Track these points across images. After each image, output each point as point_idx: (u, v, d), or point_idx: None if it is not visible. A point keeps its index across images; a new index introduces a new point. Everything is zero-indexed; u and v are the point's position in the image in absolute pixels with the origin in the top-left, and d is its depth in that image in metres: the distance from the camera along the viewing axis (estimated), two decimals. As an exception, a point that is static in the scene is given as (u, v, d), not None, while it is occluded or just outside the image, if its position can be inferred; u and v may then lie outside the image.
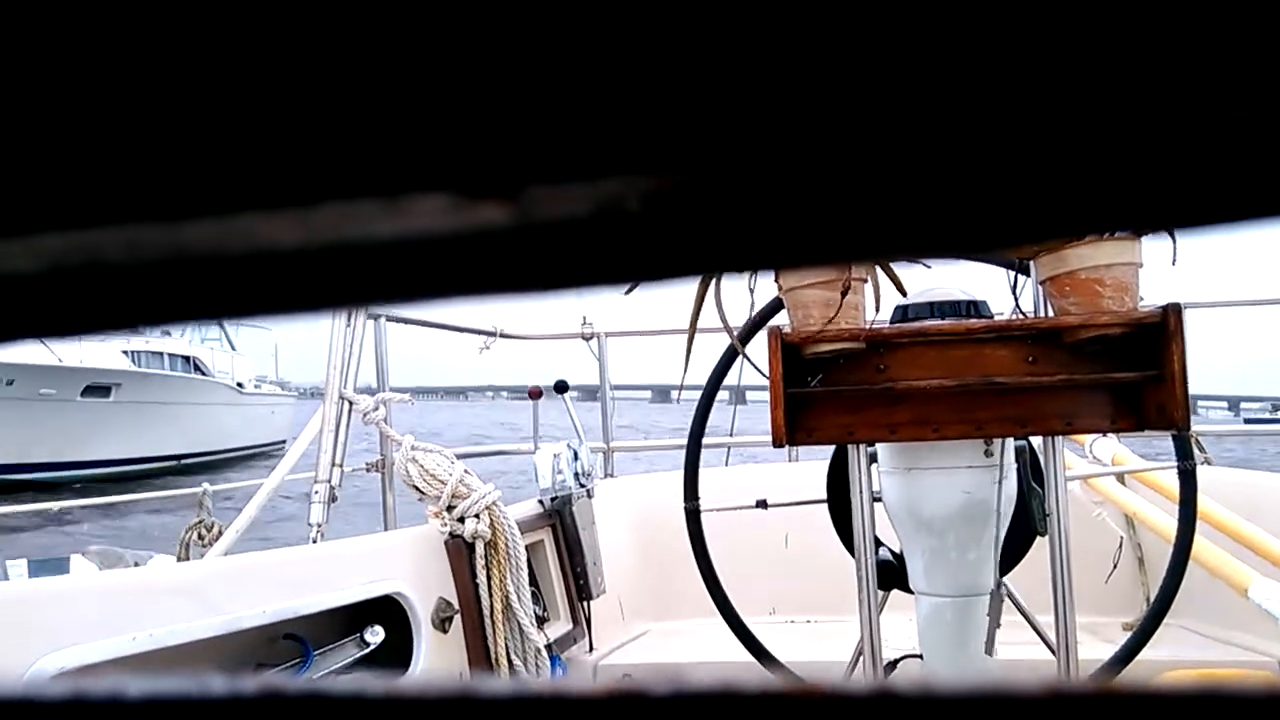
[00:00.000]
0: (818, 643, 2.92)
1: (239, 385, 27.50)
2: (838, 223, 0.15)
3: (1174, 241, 1.79)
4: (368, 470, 2.99)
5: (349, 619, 2.31)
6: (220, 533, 2.84)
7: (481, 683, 0.17)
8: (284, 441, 27.40)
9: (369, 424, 2.63)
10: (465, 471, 2.49)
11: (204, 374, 25.63)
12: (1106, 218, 0.19)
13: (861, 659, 2.11)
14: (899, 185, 0.16)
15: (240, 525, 2.72)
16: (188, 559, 2.85)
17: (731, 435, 4.12)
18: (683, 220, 0.15)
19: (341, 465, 2.70)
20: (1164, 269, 1.84)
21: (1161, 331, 1.73)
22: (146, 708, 0.17)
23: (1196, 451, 2.58)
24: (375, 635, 2.32)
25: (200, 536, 2.97)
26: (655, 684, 0.18)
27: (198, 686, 0.17)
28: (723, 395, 2.67)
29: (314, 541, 2.52)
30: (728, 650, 2.63)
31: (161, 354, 23.98)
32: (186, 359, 25.08)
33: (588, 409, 3.89)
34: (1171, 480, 2.49)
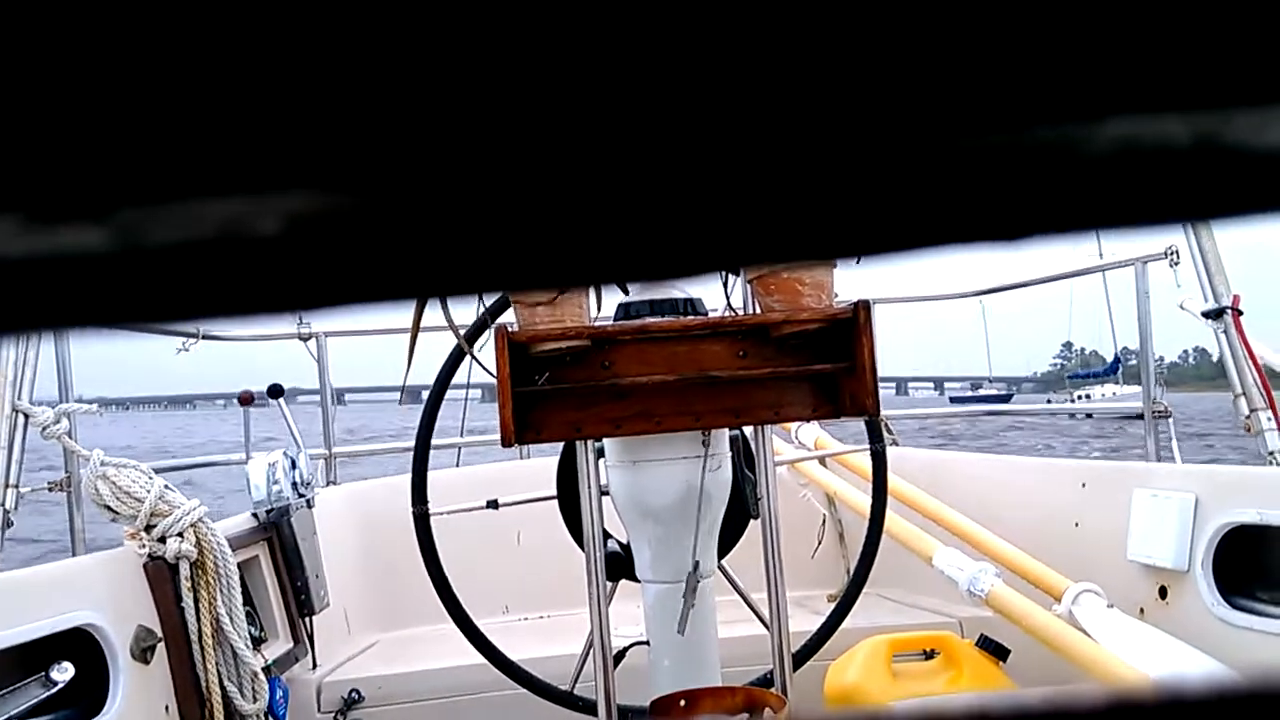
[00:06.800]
0: (550, 637, 2.94)
1: None
2: (489, 253, 0.15)
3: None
4: (50, 490, 2.68)
5: (31, 657, 2.06)
6: None
7: None
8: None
9: (49, 439, 2.36)
10: (165, 487, 2.28)
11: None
12: (791, 248, 0.19)
13: (591, 650, 2.15)
14: (548, 211, 0.15)
15: (-113, 561, 2.35)
16: None
17: (462, 435, 4.07)
18: (335, 244, 0.13)
19: (17, 486, 2.40)
20: (856, 270, 2.00)
21: (853, 326, 1.89)
22: None
23: (885, 434, 2.83)
24: (63, 673, 2.08)
25: None
26: None
27: None
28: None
29: None
30: (460, 655, 2.60)
31: None
32: None
33: (360, 412, 3.71)
34: (866, 461, 2.72)
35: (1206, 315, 2.74)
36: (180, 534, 2.25)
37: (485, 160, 0.15)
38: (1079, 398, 43.61)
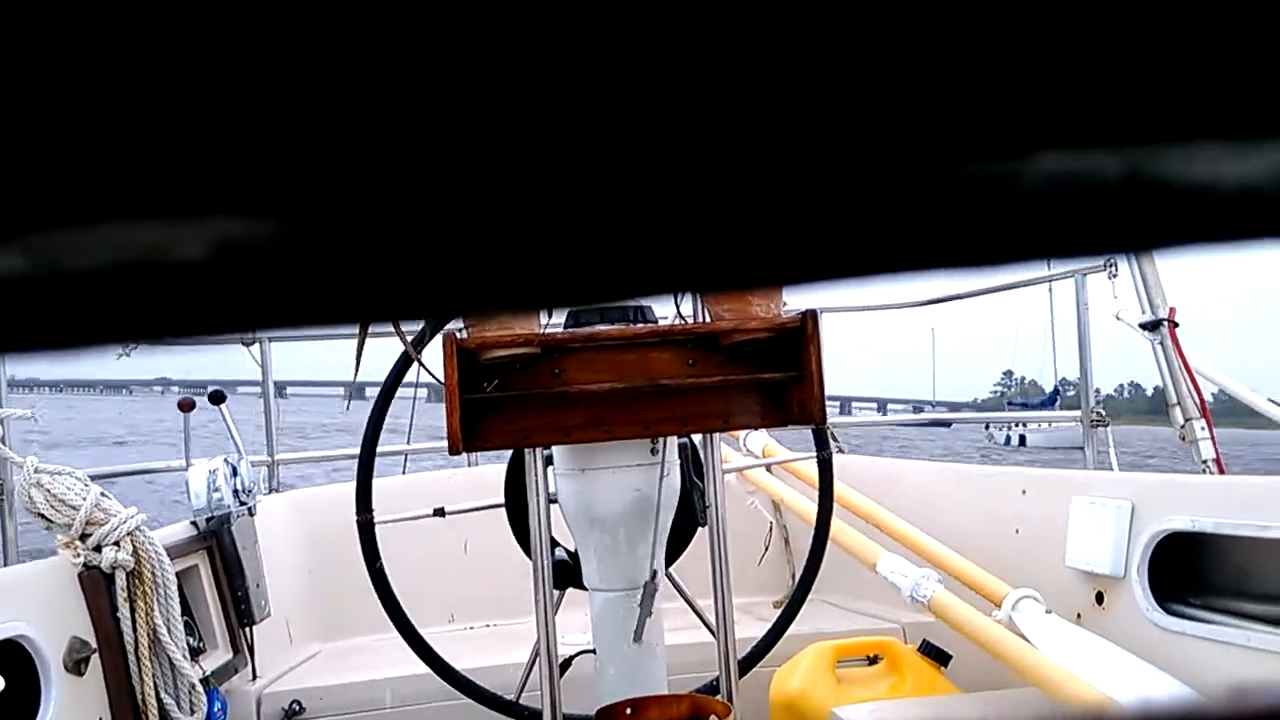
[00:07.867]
0: (496, 646, 2.92)
1: None
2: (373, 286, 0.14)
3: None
4: (-19, 497, 2.60)
5: None
6: None
7: None
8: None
9: (-21, 445, 2.29)
10: (102, 494, 2.23)
11: None
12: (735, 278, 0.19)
13: (538, 659, 2.14)
14: (485, 237, 0.15)
15: None
16: None
17: (409, 442, 4.03)
18: (259, 269, 0.13)
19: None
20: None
21: (801, 335, 1.90)
22: None
23: (831, 442, 2.86)
24: (-9, 686, 2.01)
25: None
26: None
27: None
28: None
29: None
30: (404, 665, 2.57)
31: None
32: None
33: (291, 406, 3.63)
34: (813, 469, 2.74)
35: (1144, 326, 2.80)
36: (116, 543, 2.20)
37: (424, 181, 0.15)
38: (1016, 424, 44.97)
